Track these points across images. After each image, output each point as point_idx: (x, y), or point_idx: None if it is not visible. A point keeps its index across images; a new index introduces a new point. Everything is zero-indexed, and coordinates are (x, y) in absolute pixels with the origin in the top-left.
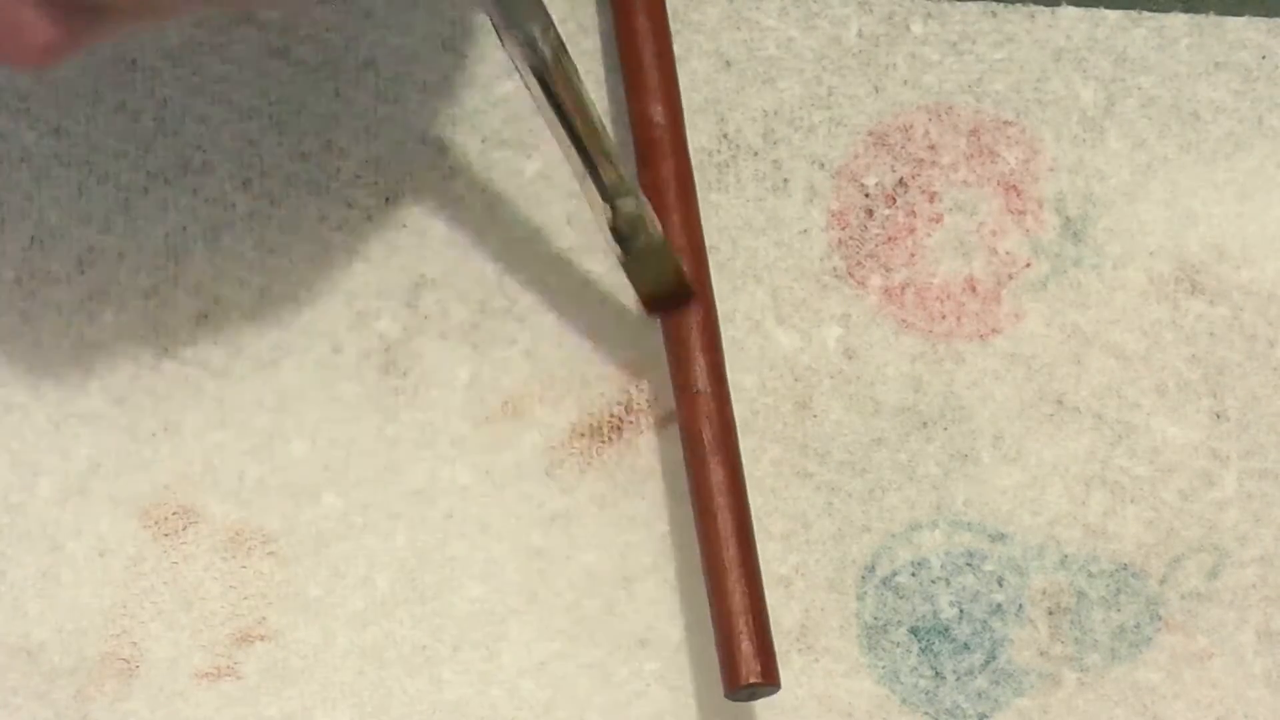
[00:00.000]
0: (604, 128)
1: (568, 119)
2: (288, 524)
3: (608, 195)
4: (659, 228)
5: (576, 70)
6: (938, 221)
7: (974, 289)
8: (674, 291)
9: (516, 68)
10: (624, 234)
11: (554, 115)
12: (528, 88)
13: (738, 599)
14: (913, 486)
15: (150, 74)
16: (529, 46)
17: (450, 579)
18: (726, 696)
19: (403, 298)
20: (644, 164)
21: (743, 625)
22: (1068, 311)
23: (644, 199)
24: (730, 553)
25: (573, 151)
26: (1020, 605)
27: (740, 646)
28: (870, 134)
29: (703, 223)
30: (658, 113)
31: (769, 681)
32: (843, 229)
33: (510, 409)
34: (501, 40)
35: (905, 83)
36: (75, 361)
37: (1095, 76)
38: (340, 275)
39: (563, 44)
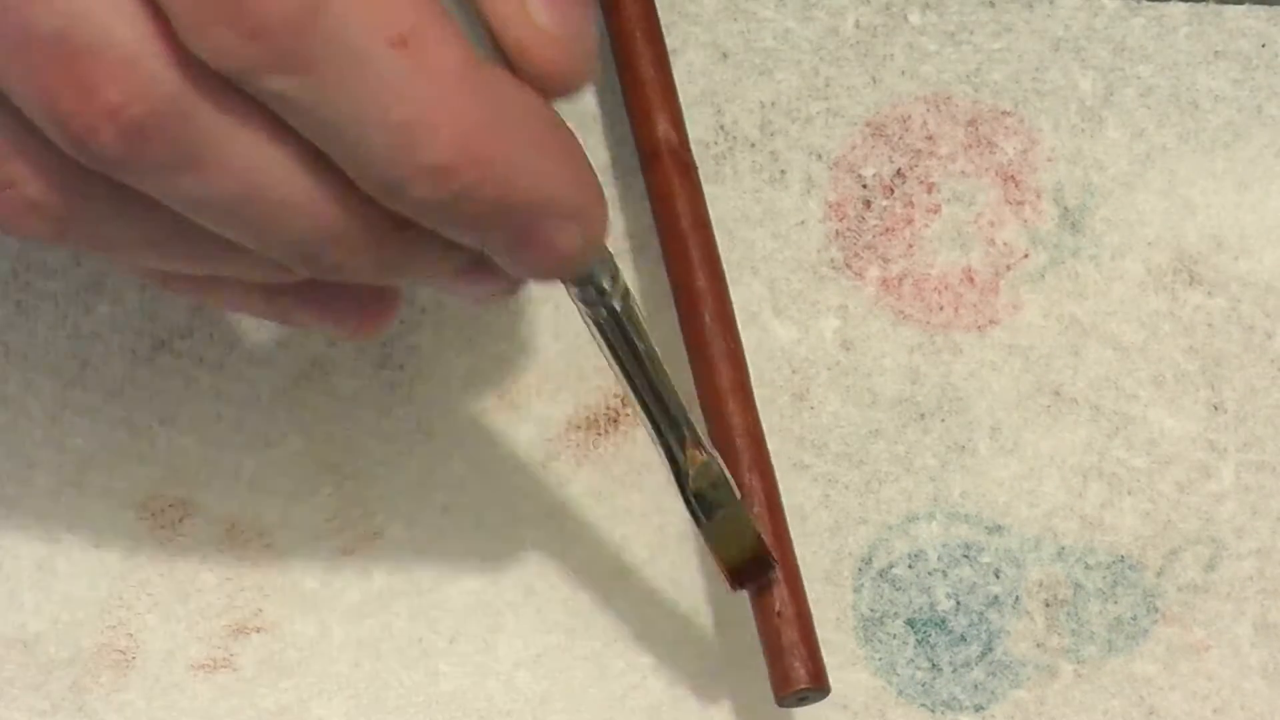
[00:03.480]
0: (670, 383)
1: (639, 374)
2: (284, 516)
3: (684, 458)
4: (737, 490)
5: (642, 320)
6: (935, 212)
7: (972, 280)
8: (756, 559)
9: (584, 321)
10: (704, 498)
11: (624, 372)
12: (596, 343)
13: (782, 604)
14: (910, 478)
15: None
16: (597, 298)
17: (446, 572)
18: (778, 703)
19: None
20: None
21: (790, 631)
22: (1065, 302)
23: (718, 458)
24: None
25: (645, 411)
26: (1017, 597)
27: (790, 652)
28: (868, 125)
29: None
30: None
31: (818, 686)
32: (840, 220)
33: (507, 402)
34: (568, 291)
35: (903, 73)
36: (71, 354)
37: (1094, 66)
38: None
39: (630, 293)
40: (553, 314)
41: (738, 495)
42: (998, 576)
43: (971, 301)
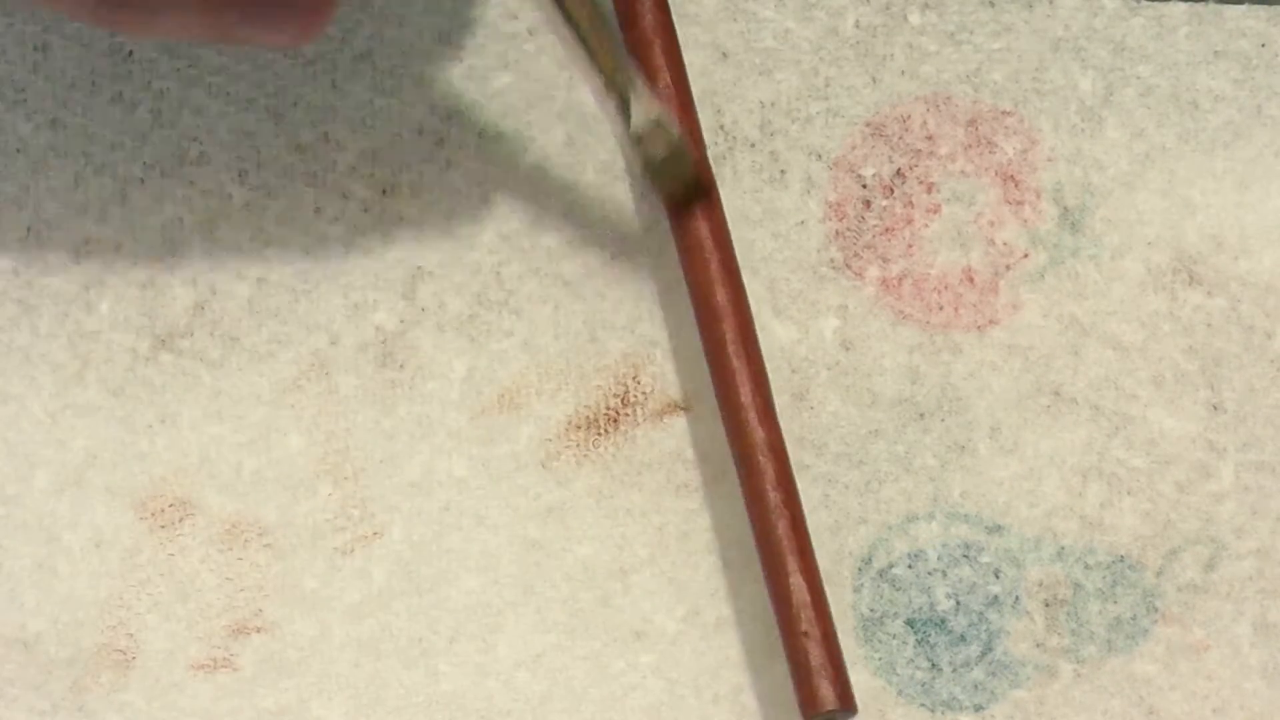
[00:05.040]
0: (617, 35)
1: (579, 28)
2: (284, 516)
3: (625, 106)
4: (677, 128)
5: None
6: (935, 212)
7: (971, 280)
8: (695, 188)
9: None
10: (644, 141)
11: (565, 23)
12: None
13: (809, 624)
14: (909, 478)
15: (147, 65)
16: None
17: (447, 571)
18: None
19: (400, 290)
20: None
21: (819, 652)
22: (1065, 302)
23: (658, 102)
24: (797, 580)
25: (586, 63)
26: (1017, 597)
27: (818, 672)
28: (868, 125)
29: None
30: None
31: (846, 707)
32: (840, 220)
33: (507, 401)
34: None
35: (903, 73)
36: (72, 352)
37: (1094, 66)
38: (337, 267)
39: None
40: (553, 313)
41: (677, 135)
42: (997, 576)
43: (971, 301)
